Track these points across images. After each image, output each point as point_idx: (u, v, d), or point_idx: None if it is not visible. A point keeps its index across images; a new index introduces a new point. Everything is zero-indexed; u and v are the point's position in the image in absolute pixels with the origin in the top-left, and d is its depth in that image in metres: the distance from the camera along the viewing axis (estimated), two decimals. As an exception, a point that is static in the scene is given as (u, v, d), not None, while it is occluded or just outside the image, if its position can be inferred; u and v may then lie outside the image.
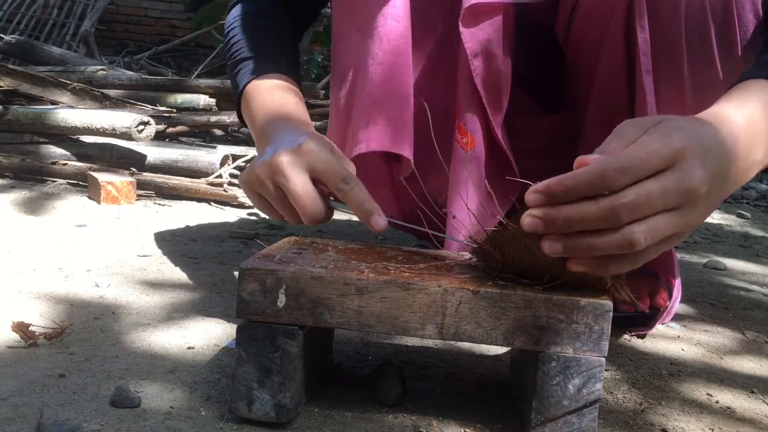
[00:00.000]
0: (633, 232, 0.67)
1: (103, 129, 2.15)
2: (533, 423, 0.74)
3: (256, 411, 0.75)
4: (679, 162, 0.68)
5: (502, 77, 1.07)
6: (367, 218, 0.84)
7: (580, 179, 0.66)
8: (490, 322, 0.73)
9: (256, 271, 0.74)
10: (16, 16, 5.66)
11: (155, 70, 4.84)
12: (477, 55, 1.05)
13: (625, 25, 1.03)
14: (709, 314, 1.33)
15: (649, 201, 0.67)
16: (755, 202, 3.06)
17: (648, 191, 0.67)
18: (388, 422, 0.79)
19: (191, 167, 2.23)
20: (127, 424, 0.74)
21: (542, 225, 0.68)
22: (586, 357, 0.73)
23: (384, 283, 0.73)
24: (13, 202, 1.87)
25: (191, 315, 1.09)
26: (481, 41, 1.04)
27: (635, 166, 0.66)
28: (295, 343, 0.74)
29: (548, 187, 0.67)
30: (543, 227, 0.68)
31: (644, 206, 0.67)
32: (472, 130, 1.07)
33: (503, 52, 1.07)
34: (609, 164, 0.66)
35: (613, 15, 1.03)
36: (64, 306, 1.09)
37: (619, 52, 1.05)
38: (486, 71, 1.06)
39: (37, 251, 1.39)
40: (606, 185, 0.66)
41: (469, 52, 1.04)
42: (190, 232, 1.68)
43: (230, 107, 2.85)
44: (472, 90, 1.07)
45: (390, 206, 1.32)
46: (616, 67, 1.07)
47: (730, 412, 0.91)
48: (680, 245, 1.98)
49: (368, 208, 0.84)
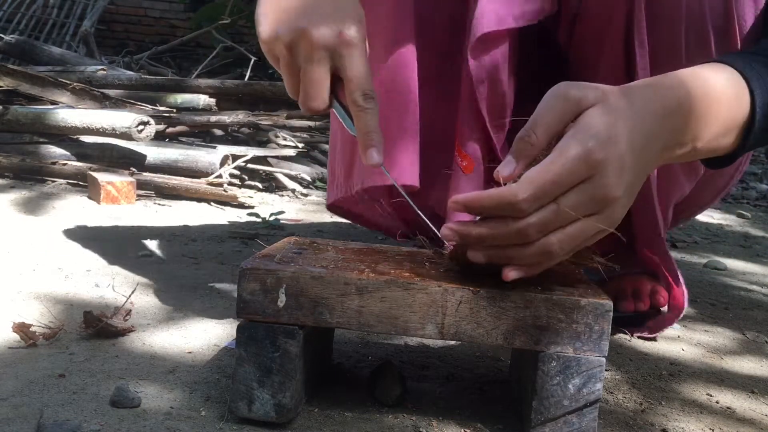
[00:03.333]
0: (549, 243, 0.69)
1: (103, 129, 2.15)
2: (533, 423, 0.74)
3: (256, 410, 0.75)
4: (594, 174, 0.68)
5: (506, 99, 1.07)
6: (365, 147, 0.81)
7: (493, 202, 0.69)
8: (491, 321, 0.73)
9: (257, 270, 0.74)
10: (16, 16, 5.66)
11: (155, 70, 4.84)
12: (482, 82, 1.04)
13: (624, 37, 1.03)
14: (709, 314, 1.33)
15: (558, 218, 0.68)
16: (755, 202, 3.06)
17: (557, 210, 0.68)
18: (388, 422, 0.79)
19: (191, 167, 2.23)
20: (127, 424, 0.74)
21: (457, 237, 0.72)
22: (587, 357, 0.73)
23: (384, 283, 0.73)
24: (13, 202, 1.87)
25: (191, 315, 1.09)
26: (487, 68, 1.03)
27: (547, 193, 0.68)
28: (295, 342, 0.74)
29: (467, 200, 0.70)
30: (458, 240, 0.72)
31: (554, 223, 0.69)
32: (472, 154, 1.07)
33: (508, 75, 1.06)
34: (519, 194, 0.67)
35: (612, 25, 1.03)
36: (64, 306, 1.09)
37: (618, 65, 1.05)
38: (490, 96, 1.05)
39: (37, 251, 1.39)
40: (516, 212, 0.68)
41: (475, 80, 1.03)
42: (190, 232, 1.68)
43: (230, 107, 2.85)
44: (472, 113, 1.07)
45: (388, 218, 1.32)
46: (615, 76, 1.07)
47: (730, 413, 0.91)
48: (680, 245, 1.99)
49: (372, 138, 0.80)
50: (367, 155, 0.81)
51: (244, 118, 2.67)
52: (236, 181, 2.29)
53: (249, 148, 2.48)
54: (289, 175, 2.43)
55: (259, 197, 2.22)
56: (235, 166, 2.31)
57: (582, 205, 0.69)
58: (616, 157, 0.69)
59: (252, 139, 2.78)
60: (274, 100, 2.90)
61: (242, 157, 2.34)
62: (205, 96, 2.82)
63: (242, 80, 3.56)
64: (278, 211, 1.89)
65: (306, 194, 2.34)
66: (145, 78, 3.09)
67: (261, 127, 2.75)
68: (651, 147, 0.73)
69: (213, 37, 4.88)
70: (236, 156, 2.34)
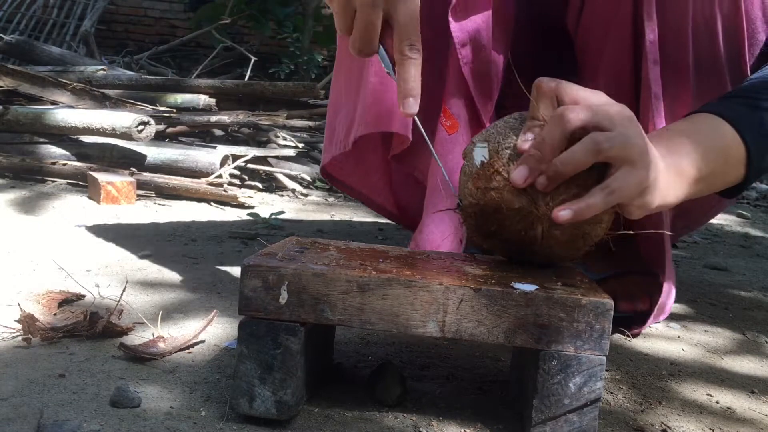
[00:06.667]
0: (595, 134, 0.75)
1: (103, 129, 2.15)
2: (534, 421, 0.74)
3: (257, 407, 0.75)
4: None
5: (492, 68, 1.09)
6: (404, 96, 0.83)
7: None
8: (492, 320, 0.73)
9: (259, 267, 0.74)
10: (16, 16, 5.66)
11: (155, 70, 4.85)
12: (465, 45, 1.08)
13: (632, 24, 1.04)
14: (709, 314, 1.33)
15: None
16: (755, 202, 3.06)
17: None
18: (388, 422, 0.79)
19: (191, 167, 2.23)
20: (127, 424, 0.74)
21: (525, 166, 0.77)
22: (587, 356, 0.73)
23: (386, 281, 0.73)
24: (13, 202, 1.87)
25: (191, 315, 1.09)
26: (469, 32, 1.07)
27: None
28: (296, 340, 0.74)
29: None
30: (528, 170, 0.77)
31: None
32: (457, 114, 1.09)
33: (495, 44, 1.08)
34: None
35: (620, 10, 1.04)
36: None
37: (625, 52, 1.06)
38: (475, 61, 1.08)
39: (37, 251, 1.39)
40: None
41: (457, 42, 1.07)
42: (190, 232, 1.68)
43: (230, 107, 2.85)
44: (460, 77, 1.09)
45: (382, 192, 1.33)
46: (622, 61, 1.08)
47: (730, 413, 0.91)
48: (680, 245, 1.98)
49: (412, 88, 0.83)
50: (405, 103, 0.83)
51: (244, 118, 2.67)
52: (236, 181, 2.29)
53: (249, 148, 2.48)
54: (289, 175, 2.43)
55: (259, 197, 2.22)
56: (235, 166, 2.31)
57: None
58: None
59: (252, 139, 2.78)
60: (274, 100, 2.90)
61: (242, 157, 2.34)
62: (205, 96, 2.82)
63: (242, 80, 3.57)
64: (278, 211, 1.89)
65: (306, 194, 2.35)
66: (145, 78, 3.09)
67: (261, 127, 2.75)
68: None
69: (213, 37, 4.88)
70: (236, 156, 2.34)
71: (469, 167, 0.82)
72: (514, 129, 0.81)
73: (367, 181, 1.32)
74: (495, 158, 0.79)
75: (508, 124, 0.82)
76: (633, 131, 0.77)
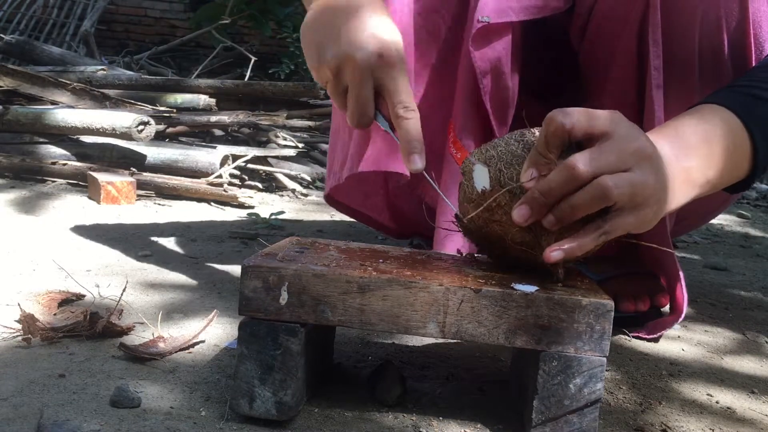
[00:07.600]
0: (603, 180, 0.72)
1: (102, 129, 2.15)
2: (534, 422, 0.74)
3: (257, 408, 0.75)
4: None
5: (509, 93, 1.08)
6: (408, 154, 0.85)
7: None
8: (492, 320, 0.73)
9: (259, 268, 0.74)
10: (16, 16, 5.66)
11: (155, 70, 4.84)
12: (486, 74, 1.05)
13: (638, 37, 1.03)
14: (709, 314, 1.33)
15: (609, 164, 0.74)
16: (755, 202, 3.06)
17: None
18: (388, 422, 0.79)
19: (191, 167, 2.22)
20: (127, 424, 0.74)
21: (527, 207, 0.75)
22: (588, 356, 0.73)
23: (386, 281, 0.73)
24: (13, 202, 1.87)
25: (191, 315, 1.09)
26: (491, 60, 1.05)
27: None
28: (296, 340, 0.74)
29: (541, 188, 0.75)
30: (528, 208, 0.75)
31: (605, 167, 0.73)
32: (467, 146, 1.07)
33: (512, 69, 1.07)
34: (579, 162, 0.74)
35: (626, 26, 1.03)
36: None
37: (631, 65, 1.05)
38: (494, 89, 1.07)
39: (37, 251, 1.39)
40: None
41: (479, 72, 1.05)
42: (190, 232, 1.68)
43: (230, 107, 2.85)
44: (472, 105, 1.08)
45: (382, 214, 1.34)
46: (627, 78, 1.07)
47: (730, 413, 0.91)
48: (680, 245, 1.98)
49: (414, 146, 0.85)
50: (410, 161, 0.85)
51: (244, 118, 2.67)
52: (236, 181, 2.29)
53: (249, 148, 2.48)
54: (289, 175, 2.43)
55: (259, 197, 2.22)
56: (235, 166, 2.30)
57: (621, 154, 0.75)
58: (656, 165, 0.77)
59: (252, 139, 2.78)
60: (274, 100, 2.90)
61: (242, 157, 2.34)
62: (205, 96, 2.82)
63: (242, 80, 3.56)
64: (278, 211, 1.89)
65: (306, 194, 2.34)
66: (145, 78, 3.09)
67: (261, 127, 2.75)
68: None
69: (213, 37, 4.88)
70: (236, 156, 2.34)
71: (469, 189, 0.80)
72: (516, 156, 0.78)
73: (367, 202, 1.33)
74: (497, 189, 0.77)
75: (510, 148, 0.79)
76: (646, 170, 0.75)
